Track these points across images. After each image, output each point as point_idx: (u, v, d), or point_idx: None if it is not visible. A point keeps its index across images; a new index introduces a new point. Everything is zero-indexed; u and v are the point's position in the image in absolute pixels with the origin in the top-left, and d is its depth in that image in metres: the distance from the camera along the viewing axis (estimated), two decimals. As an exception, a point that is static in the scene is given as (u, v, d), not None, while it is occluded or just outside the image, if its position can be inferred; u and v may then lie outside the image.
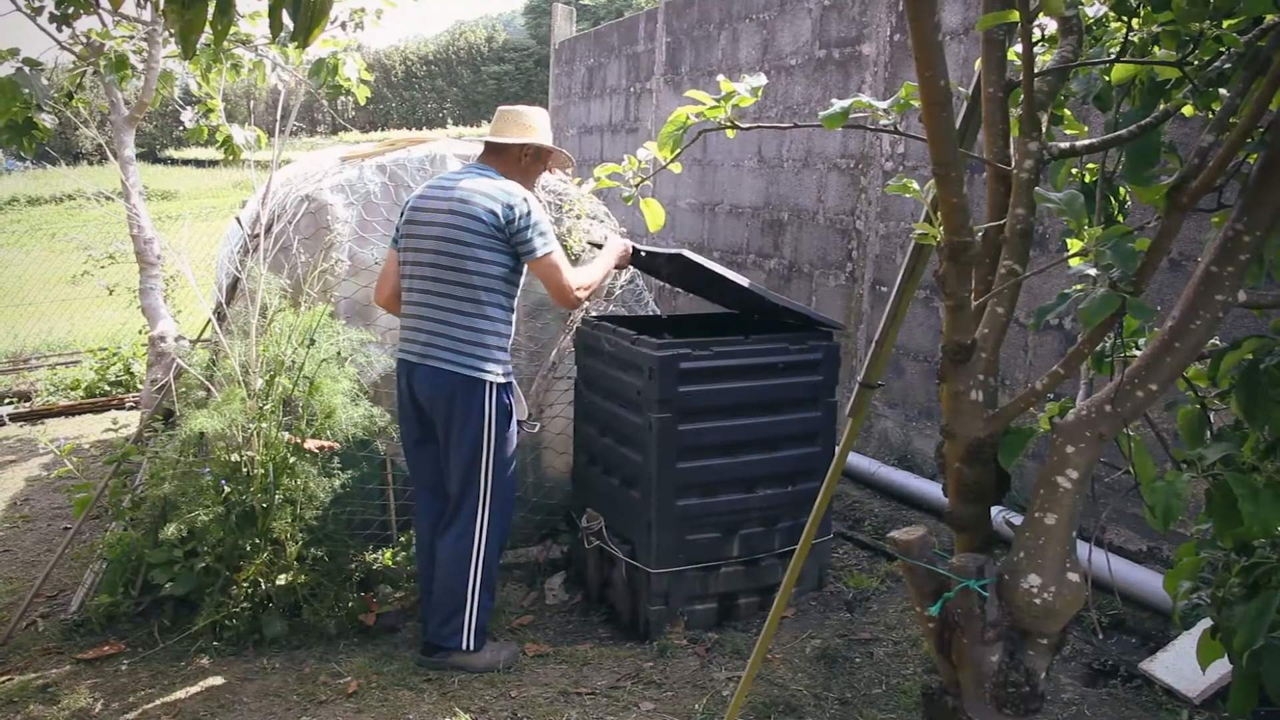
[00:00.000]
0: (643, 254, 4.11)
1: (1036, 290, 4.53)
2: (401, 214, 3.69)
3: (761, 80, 1.90)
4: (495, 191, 3.48)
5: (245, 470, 3.73)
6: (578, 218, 4.60)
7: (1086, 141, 1.91)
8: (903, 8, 5.68)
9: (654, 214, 3.00)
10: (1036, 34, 2.14)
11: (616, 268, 4.03)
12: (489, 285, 3.49)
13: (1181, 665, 3.45)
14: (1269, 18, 1.70)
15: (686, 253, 4.04)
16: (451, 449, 3.57)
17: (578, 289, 3.57)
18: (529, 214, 3.47)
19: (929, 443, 5.50)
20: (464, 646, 3.59)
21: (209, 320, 4.26)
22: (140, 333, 7.65)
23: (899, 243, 5.72)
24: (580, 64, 10.68)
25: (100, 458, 5.75)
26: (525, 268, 3.57)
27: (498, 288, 3.51)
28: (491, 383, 3.51)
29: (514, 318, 3.62)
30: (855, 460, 5.66)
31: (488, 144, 3.67)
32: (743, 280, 4.07)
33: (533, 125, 3.67)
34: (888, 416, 5.84)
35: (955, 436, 1.97)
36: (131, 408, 7.33)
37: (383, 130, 35.74)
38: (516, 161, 3.65)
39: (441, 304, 3.51)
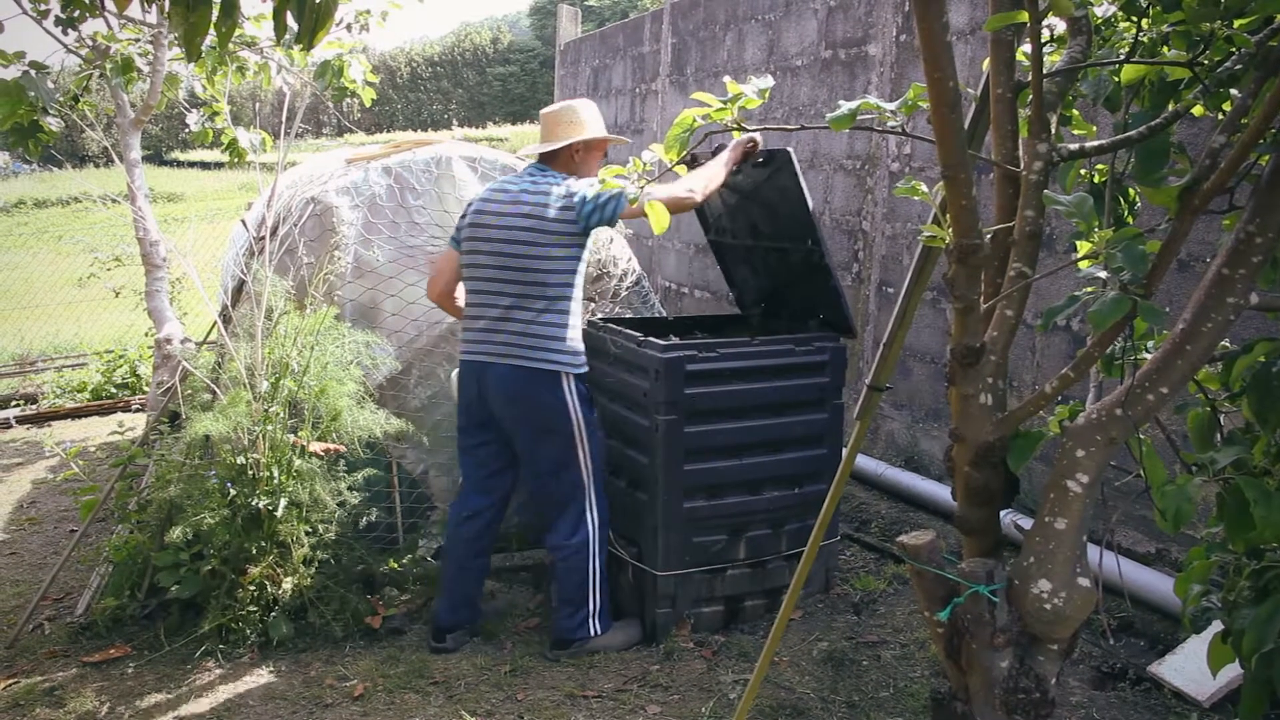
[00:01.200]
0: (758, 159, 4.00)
1: (1043, 291, 4.51)
2: (464, 215, 3.76)
3: (769, 82, 1.89)
4: (556, 191, 3.57)
5: (251, 473, 3.73)
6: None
7: (1096, 142, 1.89)
8: (909, 8, 5.68)
9: (658, 216, 2.98)
10: (1045, 34, 2.13)
11: (739, 162, 3.88)
12: (560, 280, 3.57)
13: (1190, 668, 3.43)
14: (1280, 17, 1.69)
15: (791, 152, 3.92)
16: (534, 442, 3.65)
17: (689, 189, 3.60)
18: (587, 195, 3.52)
19: (936, 444, 5.48)
20: (592, 634, 3.73)
21: (214, 323, 4.26)
22: (146, 335, 7.67)
23: (905, 244, 5.70)
24: (585, 65, 10.68)
25: (106, 460, 5.75)
26: (586, 257, 3.67)
27: (567, 281, 3.59)
28: (569, 373, 3.59)
29: (580, 306, 3.71)
30: (862, 461, 5.65)
31: (540, 155, 3.75)
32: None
33: (576, 120, 3.72)
34: (894, 418, 5.82)
35: (964, 440, 1.96)
36: (138, 410, 7.34)
37: (388, 132, 35.77)
38: (570, 160, 3.72)
39: (513, 304, 3.57)
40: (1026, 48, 1.81)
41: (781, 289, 4.46)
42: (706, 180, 3.69)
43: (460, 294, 3.81)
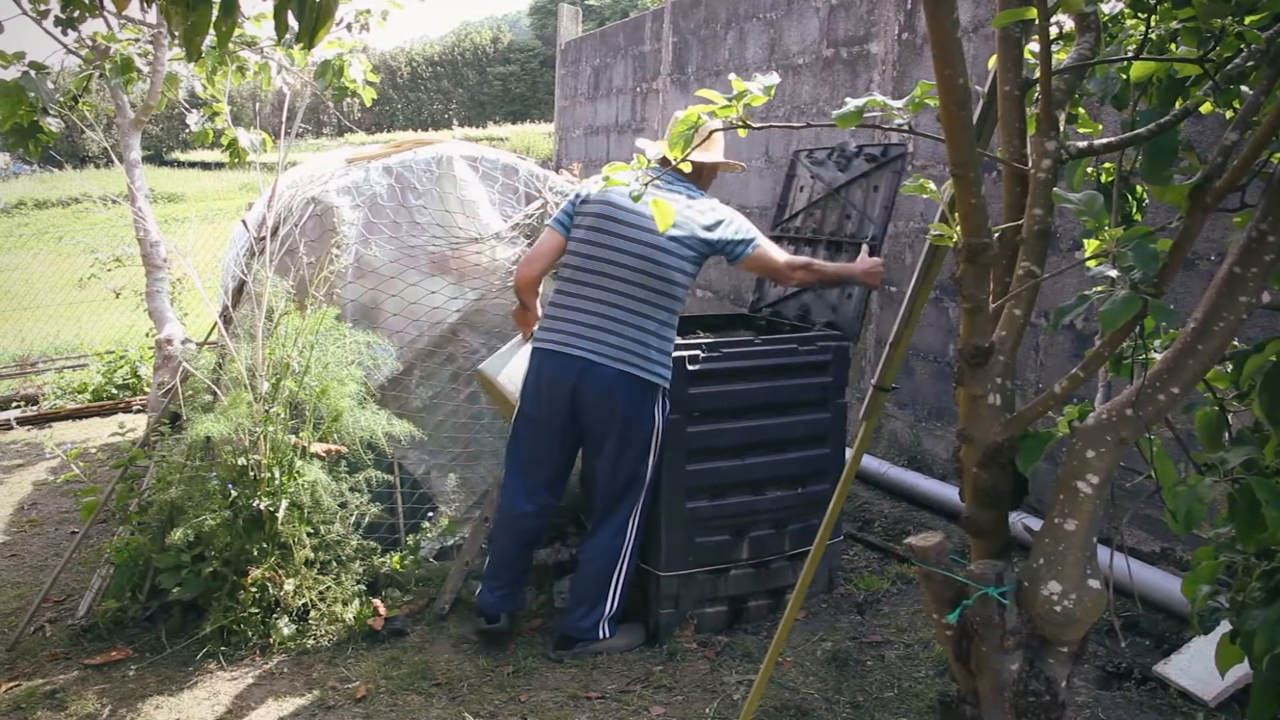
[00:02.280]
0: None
1: (1046, 289, 4.49)
2: (582, 201, 3.74)
3: (774, 79, 1.88)
4: (702, 210, 3.66)
5: (252, 474, 3.72)
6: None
7: (1105, 140, 1.88)
8: (911, 6, 5.66)
9: (663, 214, 2.95)
10: (1053, 31, 2.11)
11: (855, 283, 3.96)
12: (681, 296, 3.65)
13: (1197, 668, 3.42)
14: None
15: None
16: (619, 449, 3.63)
17: (791, 265, 3.75)
18: (733, 222, 3.69)
19: (939, 443, 5.46)
20: (601, 636, 3.73)
21: (215, 323, 4.25)
22: (147, 336, 7.66)
23: (908, 242, 5.69)
24: (586, 64, 10.66)
25: (107, 462, 5.74)
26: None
27: (683, 299, 3.67)
28: (665, 388, 3.64)
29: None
30: (865, 461, 5.63)
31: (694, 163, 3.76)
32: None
33: (720, 140, 3.86)
34: (898, 417, 5.80)
35: (972, 440, 1.94)
36: (138, 411, 7.32)
37: (388, 131, 35.78)
38: (709, 177, 3.85)
39: (640, 310, 3.57)
40: (1034, 45, 1.79)
41: (806, 289, 4.41)
42: (814, 275, 3.83)
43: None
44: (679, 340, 3.80)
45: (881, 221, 4.04)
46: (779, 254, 3.77)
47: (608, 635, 3.73)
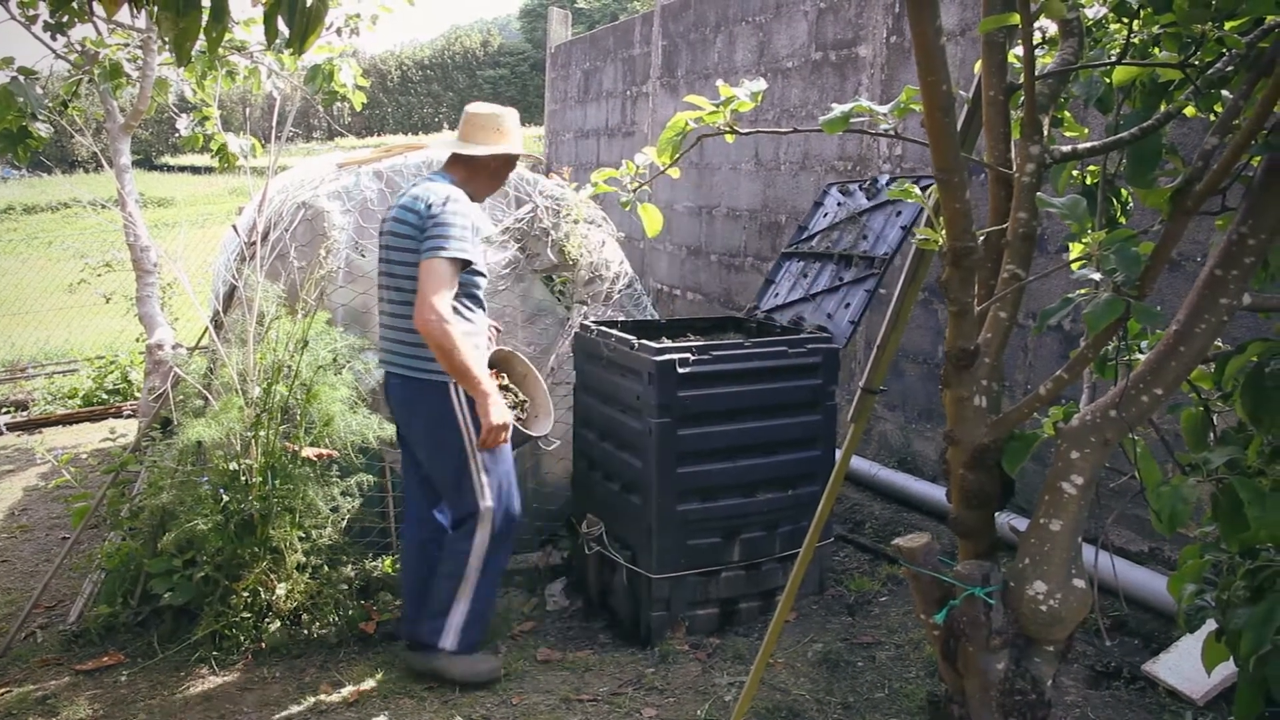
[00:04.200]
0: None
1: (1035, 291, 4.52)
2: None
3: (761, 85, 1.89)
4: (425, 193, 3.35)
5: (244, 479, 3.72)
6: (575, 222, 4.59)
7: (1088, 144, 1.90)
8: (899, 9, 5.69)
9: (651, 219, 2.97)
10: (1037, 36, 2.13)
11: (473, 392, 3.34)
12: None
13: (1185, 666, 3.44)
14: (1271, 19, 1.69)
15: None
16: (433, 457, 3.52)
17: (435, 313, 3.16)
18: (442, 213, 3.26)
19: (929, 445, 5.49)
20: (438, 645, 3.51)
21: (206, 328, 4.25)
22: (137, 341, 7.64)
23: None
24: (576, 68, 10.68)
25: (98, 467, 5.73)
26: (476, 265, 3.39)
27: None
28: (452, 383, 3.37)
29: (476, 315, 3.45)
30: (855, 462, 5.65)
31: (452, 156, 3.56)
32: None
33: (504, 129, 3.52)
34: (887, 419, 5.83)
35: (959, 442, 1.96)
36: (129, 416, 7.31)
37: (379, 135, 35.76)
38: (483, 168, 3.53)
39: (394, 310, 3.45)
40: (1019, 50, 1.81)
41: (808, 298, 4.43)
42: (456, 335, 3.20)
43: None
44: (670, 343, 3.81)
45: (896, 240, 4.06)
46: (440, 297, 3.18)
47: (451, 647, 3.51)
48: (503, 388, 3.56)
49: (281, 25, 2.01)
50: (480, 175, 3.54)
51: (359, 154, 4.75)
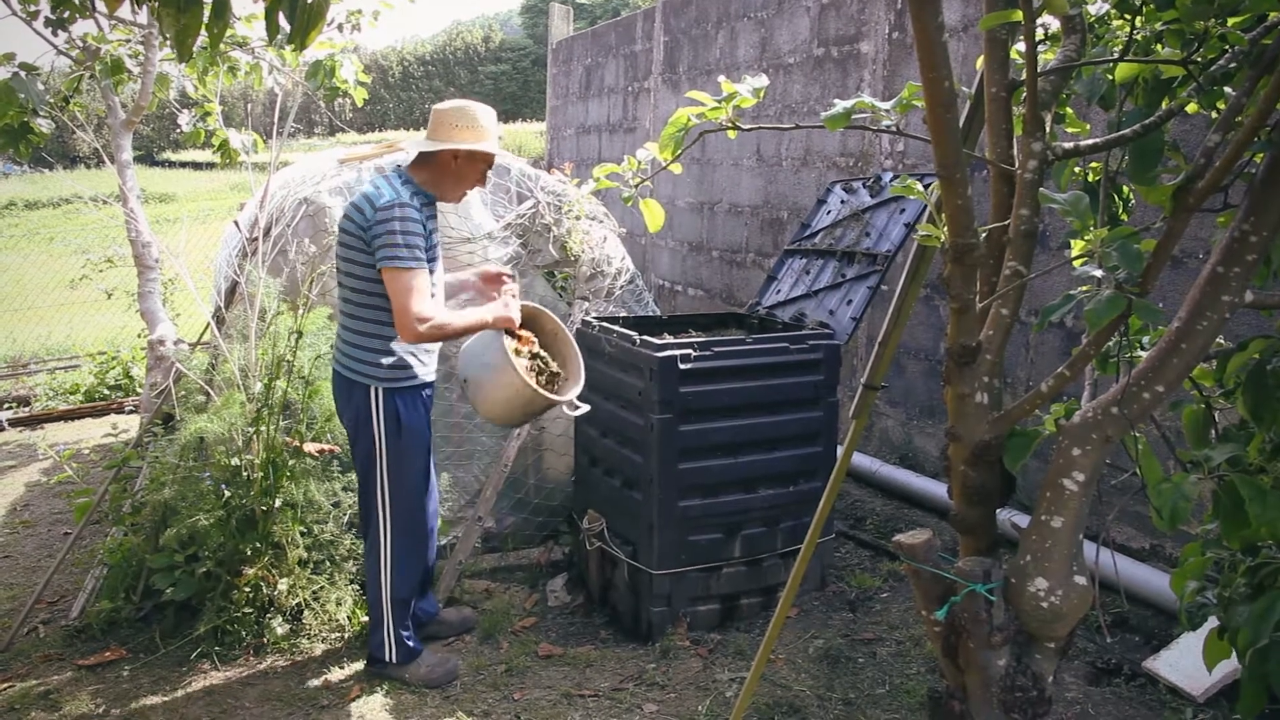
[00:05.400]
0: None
1: (1037, 288, 4.51)
2: None
3: (763, 81, 1.89)
4: (373, 193, 3.24)
5: (245, 474, 3.72)
6: (576, 218, 4.59)
7: (1090, 141, 1.89)
8: (902, 5, 5.68)
9: (653, 215, 2.95)
10: (1039, 33, 2.13)
11: (489, 326, 3.34)
12: (371, 288, 3.27)
13: (1186, 663, 3.45)
14: (1273, 15, 1.69)
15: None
16: (353, 453, 3.48)
17: (420, 319, 3.13)
18: (387, 220, 3.14)
19: (930, 441, 5.49)
20: (385, 659, 3.52)
21: (208, 324, 4.25)
22: (139, 336, 7.63)
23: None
24: (578, 64, 10.67)
25: (100, 462, 5.74)
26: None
27: (379, 290, 3.24)
28: (375, 387, 3.32)
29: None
30: (857, 459, 5.65)
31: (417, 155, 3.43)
32: None
33: (471, 125, 3.31)
34: (889, 415, 5.83)
35: (960, 439, 1.96)
36: (131, 412, 7.31)
37: (380, 131, 35.73)
38: (446, 165, 3.34)
39: (341, 309, 3.40)
40: (1021, 46, 1.81)
41: (810, 295, 4.43)
42: (447, 322, 3.22)
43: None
44: (671, 339, 3.81)
45: (899, 237, 4.06)
46: (419, 302, 3.15)
47: (393, 660, 3.52)
48: (534, 356, 3.49)
49: (283, 21, 2.01)
50: (445, 174, 3.36)
51: (360, 150, 4.75)
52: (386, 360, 3.32)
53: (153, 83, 5.57)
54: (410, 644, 3.55)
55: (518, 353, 3.36)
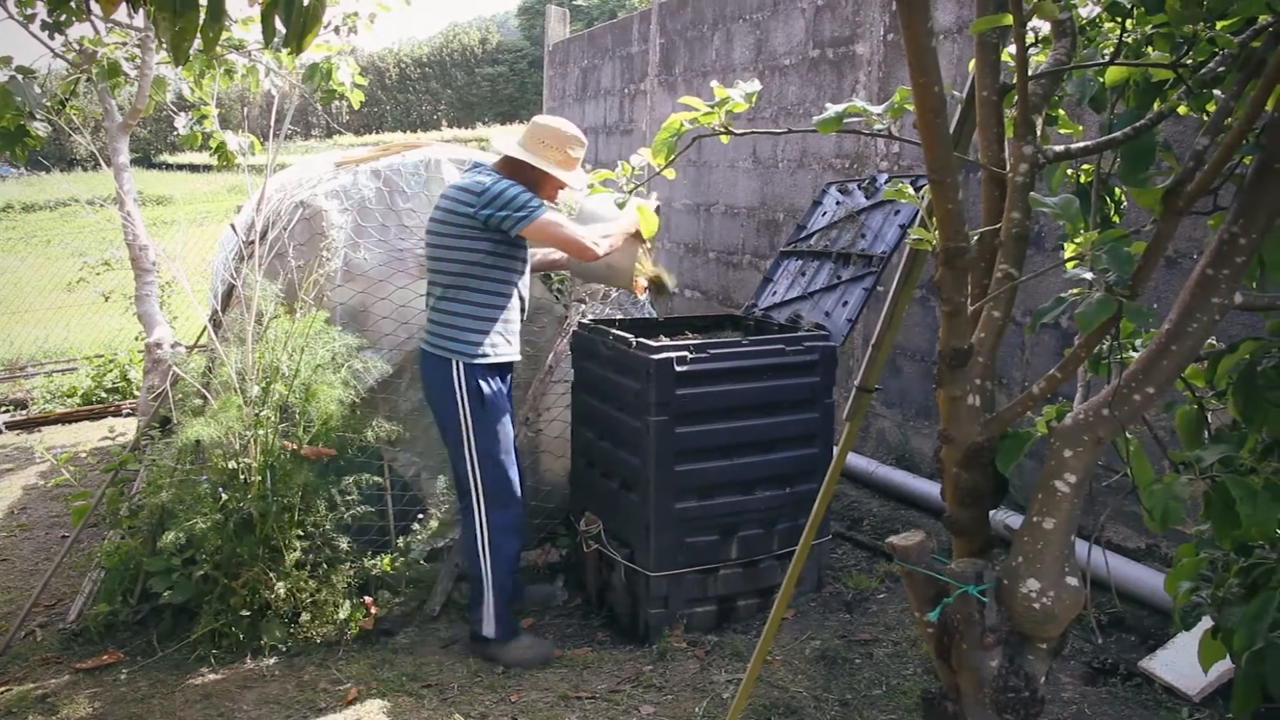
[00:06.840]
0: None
1: (1031, 288, 4.53)
2: None
3: (755, 86, 1.90)
4: (470, 182, 3.53)
5: (243, 477, 3.73)
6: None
7: (1082, 144, 1.90)
8: (896, 7, 5.68)
9: (648, 221, 2.97)
10: (1030, 36, 2.14)
11: (629, 230, 3.73)
12: (466, 270, 3.55)
13: (1181, 663, 3.46)
14: (1262, 19, 1.70)
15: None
16: (442, 429, 3.70)
17: (590, 240, 3.53)
18: (500, 193, 3.45)
19: (926, 442, 5.50)
20: (488, 634, 3.68)
21: (205, 327, 4.25)
22: (136, 339, 7.65)
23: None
24: (574, 65, 10.68)
25: (97, 466, 5.74)
26: (512, 249, 3.60)
27: (473, 272, 3.55)
28: (457, 361, 3.56)
29: (507, 300, 3.64)
30: (853, 460, 5.66)
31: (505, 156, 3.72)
32: None
33: (566, 155, 3.61)
34: (885, 416, 5.84)
35: (953, 441, 1.97)
36: (128, 415, 7.31)
37: (377, 133, 35.69)
38: (526, 173, 3.63)
39: (431, 291, 3.66)
40: (1012, 49, 1.82)
41: (806, 296, 4.45)
42: (611, 242, 3.64)
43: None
44: (667, 341, 3.82)
45: (894, 239, 4.08)
46: (577, 228, 3.56)
47: (495, 635, 3.69)
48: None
49: (279, 24, 2.02)
50: (521, 181, 3.59)
51: (357, 152, 4.75)
52: (474, 338, 3.57)
53: (149, 85, 5.58)
54: (511, 621, 3.70)
55: None
